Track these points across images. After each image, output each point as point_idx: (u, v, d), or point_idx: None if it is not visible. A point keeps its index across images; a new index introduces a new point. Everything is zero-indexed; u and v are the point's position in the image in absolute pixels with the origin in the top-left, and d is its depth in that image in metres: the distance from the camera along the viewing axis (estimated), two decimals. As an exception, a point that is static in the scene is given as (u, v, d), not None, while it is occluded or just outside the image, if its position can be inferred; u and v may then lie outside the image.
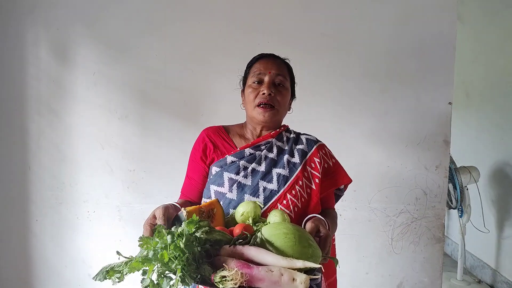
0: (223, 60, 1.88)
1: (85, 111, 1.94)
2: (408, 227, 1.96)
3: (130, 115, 1.95)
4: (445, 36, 1.85)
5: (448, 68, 1.85)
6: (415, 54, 1.87)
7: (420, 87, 1.88)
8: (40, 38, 1.92)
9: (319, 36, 1.88)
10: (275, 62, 1.07)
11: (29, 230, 2.00)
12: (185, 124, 1.92)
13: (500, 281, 2.68)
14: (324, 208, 1.08)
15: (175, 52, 1.90)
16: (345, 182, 1.12)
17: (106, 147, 1.96)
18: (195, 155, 1.10)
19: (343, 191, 1.17)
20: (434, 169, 1.92)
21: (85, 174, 1.96)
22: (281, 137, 1.09)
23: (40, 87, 1.94)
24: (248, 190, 0.99)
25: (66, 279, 2.01)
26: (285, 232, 0.76)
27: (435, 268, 1.96)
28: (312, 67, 1.87)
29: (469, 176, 2.54)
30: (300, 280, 0.61)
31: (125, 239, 1.96)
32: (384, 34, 1.87)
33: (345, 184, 1.13)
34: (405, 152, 1.92)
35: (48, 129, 1.95)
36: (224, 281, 0.58)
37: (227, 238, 0.71)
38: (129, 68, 1.92)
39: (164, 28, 1.90)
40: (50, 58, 1.92)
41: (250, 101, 1.05)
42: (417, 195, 1.94)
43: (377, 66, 1.89)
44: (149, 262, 0.58)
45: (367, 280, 1.97)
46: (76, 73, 1.93)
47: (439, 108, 1.88)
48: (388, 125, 1.91)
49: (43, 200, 1.98)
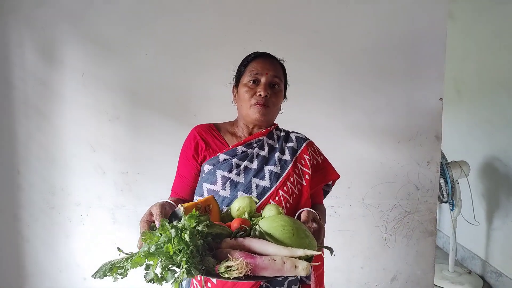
0: (215, 58, 1.87)
1: (75, 112, 1.90)
2: (401, 221, 1.99)
3: (121, 116, 1.92)
4: (436, 33, 1.88)
5: (439, 65, 1.89)
6: (406, 51, 1.90)
7: (411, 84, 1.91)
8: (24, 39, 1.86)
9: (311, 34, 1.90)
10: (272, 63, 1.09)
11: (20, 236, 1.95)
12: (178, 124, 1.90)
13: (490, 271, 2.75)
14: (314, 203, 1.10)
15: (166, 51, 1.88)
16: (334, 178, 1.15)
17: (98, 149, 1.93)
18: (186, 153, 1.09)
19: (331, 186, 1.20)
20: (426, 165, 1.95)
21: (77, 177, 1.93)
22: (272, 135, 1.11)
23: (27, 89, 1.89)
24: (241, 188, 1.00)
25: (60, 284, 1.97)
26: (283, 224, 0.77)
27: (428, 261, 2.00)
28: (304, 65, 1.88)
29: (459, 170, 2.60)
30: (302, 267, 0.63)
31: (120, 241, 1.93)
32: (375, 31, 1.90)
33: (333, 179, 1.16)
34: (398, 148, 1.95)
35: (36, 132, 1.91)
36: (229, 271, 0.59)
37: (227, 232, 0.72)
38: (119, 68, 1.88)
39: (153, 26, 1.87)
40: (36, 59, 1.87)
41: (245, 99, 1.06)
42: (410, 190, 1.97)
43: (369, 63, 1.91)
44: (153, 256, 0.58)
45: (362, 274, 2.00)
46: (63, 74, 1.88)
47: (430, 104, 1.91)
48: (380, 122, 1.93)
49: (34, 205, 1.94)
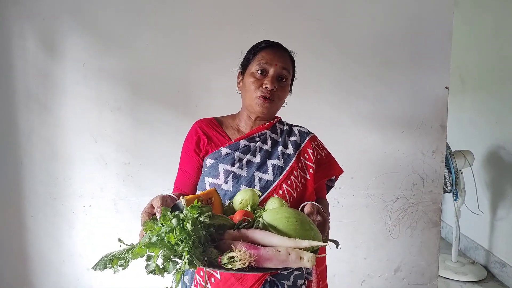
0: (217, 48, 1.84)
1: (76, 104, 1.90)
2: (405, 212, 1.97)
3: (122, 107, 1.91)
4: (442, 20, 1.84)
5: (444, 53, 1.85)
6: (411, 39, 1.86)
7: (416, 73, 1.87)
8: (26, 30, 1.85)
9: (315, 22, 1.85)
10: (282, 54, 1.05)
11: (24, 227, 1.96)
12: (179, 114, 1.89)
13: (493, 261, 2.75)
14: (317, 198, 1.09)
15: (167, 41, 1.86)
16: (337, 173, 1.13)
17: (99, 140, 1.92)
18: (188, 148, 1.08)
19: (334, 181, 1.18)
20: (431, 154, 1.93)
21: (79, 168, 1.93)
22: (275, 129, 1.09)
23: (28, 81, 1.88)
24: (244, 181, 0.99)
25: (64, 274, 1.99)
26: (287, 216, 0.75)
27: (432, 252, 1.99)
28: (307, 53, 1.84)
29: (463, 160, 2.57)
30: (307, 258, 0.62)
31: (122, 232, 1.94)
32: (381, 19, 1.85)
33: (336, 174, 1.14)
34: (402, 138, 1.92)
35: (38, 124, 1.91)
36: (232, 262, 0.57)
37: (230, 223, 0.70)
38: (120, 59, 1.87)
39: (154, 16, 1.85)
40: (38, 51, 1.86)
41: (250, 90, 1.03)
42: (414, 181, 1.95)
43: (373, 51, 1.87)
44: (154, 247, 0.57)
45: (366, 265, 2.00)
46: (65, 65, 1.87)
47: (436, 93, 1.88)
48: (385, 112, 1.90)
49: (37, 196, 1.94)
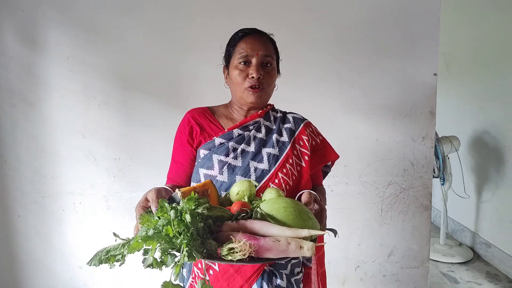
0: (206, 38, 1.80)
1: (61, 99, 1.83)
2: (396, 197, 2.01)
3: (110, 101, 1.85)
4: (430, 7, 1.84)
5: (433, 39, 1.86)
6: (400, 25, 1.86)
7: (405, 59, 1.88)
8: (4, 22, 1.76)
9: (304, 11, 1.83)
10: (261, 40, 1.02)
11: (11, 227, 1.91)
12: (170, 107, 1.85)
13: (479, 242, 2.85)
14: (313, 185, 1.09)
15: (155, 32, 1.80)
16: (333, 158, 1.13)
17: (87, 135, 1.87)
18: (180, 138, 1.06)
19: (330, 167, 1.18)
20: (421, 140, 1.95)
21: (67, 165, 1.88)
22: (268, 116, 1.08)
23: (10, 76, 1.81)
24: (239, 171, 0.97)
25: (56, 273, 1.95)
26: (285, 206, 0.75)
27: (423, 235, 2.04)
28: (298, 42, 1.83)
29: (450, 145, 2.63)
30: (307, 247, 0.62)
31: (115, 228, 1.90)
32: (370, 7, 1.84)
33: (332, 160, 1.13)
34: (393, 125, 1.94)
35: (22, 120, 1.84)
36: (232, 253, 0.57)
37: (228, 214, 0.70)
38: (106, 51, 1.80)
39: (141, 7, 1.78)
40: (18, 44, 1.78)
41: (238, 83, 1.01)
42: (405, 167, 1.98)
43: (362, 39, 1.87)
44: (151, 240, 0.55)
45: (360, 251, 2.03)
46: (48, 59, 1.80)
47: (425, 80, 1.89)
48: (376, 99, 1.91)
49: (24, 195, 1.89)
